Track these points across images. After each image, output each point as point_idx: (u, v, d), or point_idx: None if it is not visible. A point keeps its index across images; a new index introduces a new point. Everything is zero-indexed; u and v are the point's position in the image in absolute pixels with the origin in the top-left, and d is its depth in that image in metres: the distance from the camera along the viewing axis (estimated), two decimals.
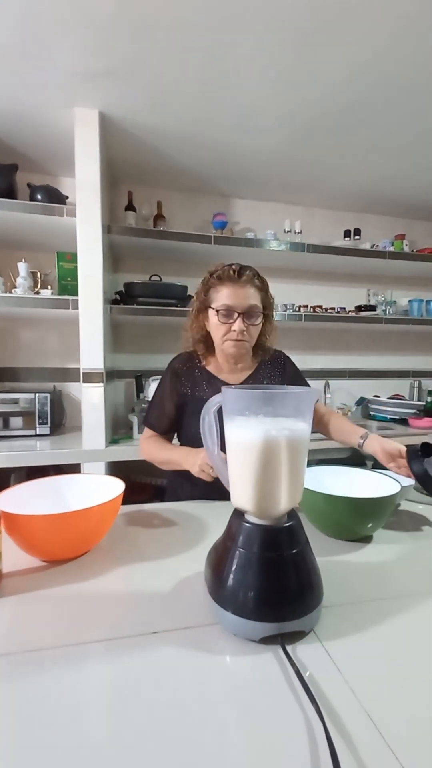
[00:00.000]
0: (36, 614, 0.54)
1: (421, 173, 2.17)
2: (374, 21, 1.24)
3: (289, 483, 0.50)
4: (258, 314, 1.00)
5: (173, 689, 0.42)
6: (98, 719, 0.39)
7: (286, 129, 1.79)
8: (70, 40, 1.32)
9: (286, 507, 0.51)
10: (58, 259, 1.91)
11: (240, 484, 0.52)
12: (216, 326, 1.00)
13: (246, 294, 0.98)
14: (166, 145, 1.89)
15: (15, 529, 0.63)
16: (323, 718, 0.37)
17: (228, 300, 0.97)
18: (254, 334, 1.02)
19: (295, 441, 0.50)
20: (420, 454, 0.81)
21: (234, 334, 0.98)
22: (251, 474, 0.50)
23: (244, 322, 0.97)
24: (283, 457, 0.49)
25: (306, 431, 0.52)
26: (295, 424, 0.50)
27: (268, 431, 0.49)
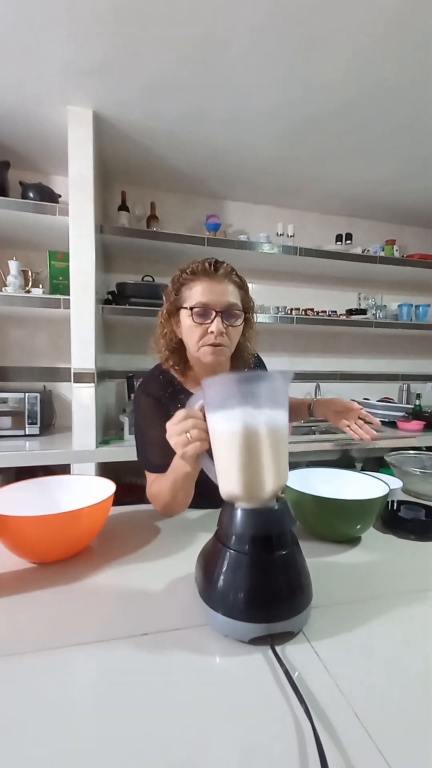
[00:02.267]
0: (24, 616, 0.54)
1: (412, 179, 2.21)
2: (367, 26, 1.26)
3: (274, 466, 0.51)
4: (238, 314, 0.86)
5: (163, 690, 0.42)
6: (88, 721, 0.39)
7: (280, 132, 1.80)
8: (63, 38, 1.32)
9: (272, 489, 0.52)
10: (50, 258, 1.90)
11: (227, 473, 0.53)
12: (190, 329, 0.84)
13: (224, 290, 0.83)
14: (160, 145, 1.89)
15: (3, 530, 0.62)
16: (311, 718, 0.38)
17: (203, 297, 0.82)
18: (234, 338, 0.87)
19: (276, 425, 0.51)
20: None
21: (211, 336, 0.82)
22: (237, 461, 0.51)
23: (222, 323, 0.83)
24: (265, 443, 0.51)
25: (284, 416, 0.53)
26: (273, 411, 0.52)
27: (248, 419, 0.50)
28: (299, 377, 2.64)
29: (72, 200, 1.68)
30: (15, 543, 0.64)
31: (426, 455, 1.17)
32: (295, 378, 2.62)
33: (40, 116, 1.69)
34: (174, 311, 0.89)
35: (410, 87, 1.51)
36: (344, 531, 0.78)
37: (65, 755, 0.35)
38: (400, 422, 2.36)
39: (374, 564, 0.71)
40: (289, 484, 0.80)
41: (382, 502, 0.76)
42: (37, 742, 0.36)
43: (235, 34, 1.29)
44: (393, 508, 0.87)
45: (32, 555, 0.67)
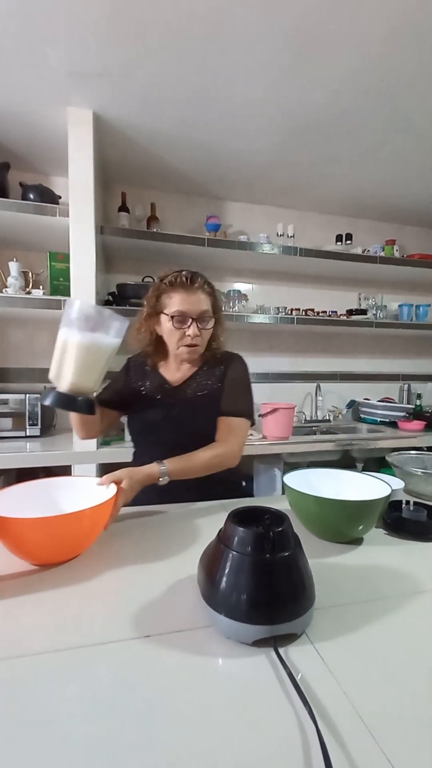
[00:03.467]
0: (26, 619, 0.54)
1: (412, 180, 2.21)
2: (366, 30, 1.26)
3: (76, 369, 0.79)
4: (209, 319, 1.03)
5: (166, 693, 0.42)
6: (91, 723, 0.39)
7: (279, 134, 1.80)
8: (63, 40, 1.32)
9: (69, 382, 0.79)
10: (50, 259, 1.90)
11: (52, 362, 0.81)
12: (170, 332, 1.02)
13: (198, 300, 1.00)
14: (160, 146, 1.89)
15: (5, 532, 0.62)
16: (315, 720, 0.38)
17: (181, 306, 0.99)
18: (206, 338, 1.05)
19: (87, 344, 0.78)
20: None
21: (189, 339, 1.00)
22: (55, 356, 0.80)
23: (197, 327, 1.00)
24: (72, 353, 0.78)
25: (98, 341, 0.79)
26: (91, 335, 0.78)
27: (65, 333, 0.79)
28: (299, 378, 2.64)
29: (72, 201, 1.68)
30: (17, 545, 0.64)
31: (427, 455, 1.16)
32: (296, 378, 2.62)
33: (40, 118, 1.69)
34: (154, 314, 1.05)
35: (410, 88, 1.51)
36: (346, 532, 0.77)
37: (68, 756, 0.35)
38: (400, 422, 2.36)
39: (377, 565, 0.71)
40: (291, 485, 0.80)
41: (384, 502, 0.76)
42: (40, 743, 0.36)
43: (234, 37, 1.29)
44: (395, 508, 0.87)
45: (34, 557, 0.66)
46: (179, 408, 1.06)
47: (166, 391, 1.08)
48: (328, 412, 2.60)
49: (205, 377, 1.09)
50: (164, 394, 1.07)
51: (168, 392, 1.08)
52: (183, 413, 1.05)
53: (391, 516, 0.85)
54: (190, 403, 1.06)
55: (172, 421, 1.05)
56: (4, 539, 0.63)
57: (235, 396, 1.08)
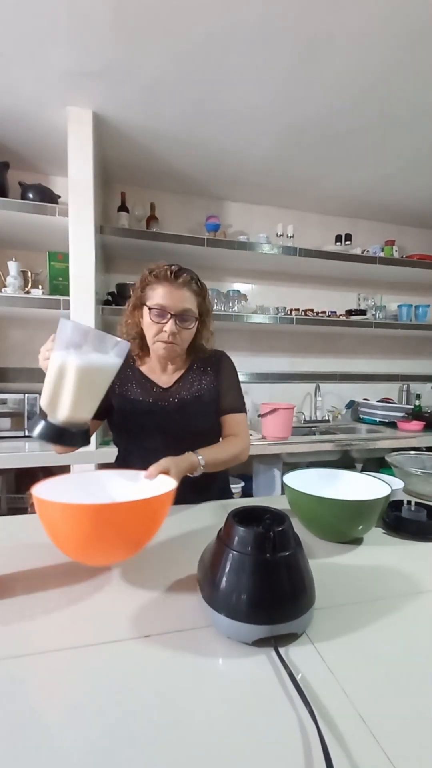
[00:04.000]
0: (26, 618, 0.53)
1: (411, 181, 2.21)
2: (366, 28, 1.26)
3: (73, 398, 0.67)
4: (191, 319, 0.98)
5: (166, 692, 0.42)
6: (90, 722, 0.38)
7: (279, 134, 1.80)
8: (64, 40, 1.32)
9: (65, 415, 0.67)
10: (50, 259, 1.90)
11: (44, 388, 0.69)
12: (148, 325, 0.98)
13: (181, 296, 0.96)
14: (160, 146, 1.89)
15: (66, 522, 0.57)
16: (316, 720, 0.38)
17: (162, 300, 0.95)
18: (186, 338, 1.00)
19: (83, 367, 0.67)
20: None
21: (164, 335, 0.95)
22: (48, 381, 0.68)
23: (176, 325, 0.95)
24: (70, 380, 0.67)
25: (92, 364, 0.68)
26: (88, 358, 0.68)
27: (62, 358, 0.68)
28: (298, 378, 2.64)
29: (72, 201, 1.67)
30: (76, 538, 0.58)
31: (427, 456, 1.17)
32: (296, 379, 2.62)
33: (40, 117, 1.69)
34: (138, 305, 1.01)
35: (410, 88, 1.52)
36: (346, 532, 0.77)
37: (67, 754, 0.35)
38: (400, 423, 2.36)
39: (377, 565, 0.70)
40: (291, 485, 0.80)
41: (384, 502, 0.76)
42: (39, 740, 0.36)
43: (234, 37, 1.29)
44: (395, 508, 0.87)
45: (94, 553, 0.62)
46: (173, 411, 1.03)
47: (157, 395, 1.04)
48: (328, 412, 2.60)
49: (197, 377, 1.07)
50: (155, 398, 1.04)
51: (159, 395, 1.04)
52: (177, 416, 1.03)
53: (390, 516, 0.85)
54: (185, 404, 1.04)
55: (166, 425, 1.02)
56: (60, 533, 0.58)
57: (233, 393, 1.10)
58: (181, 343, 0.99)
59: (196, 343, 1.06)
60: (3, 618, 0.53)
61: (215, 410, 1.08)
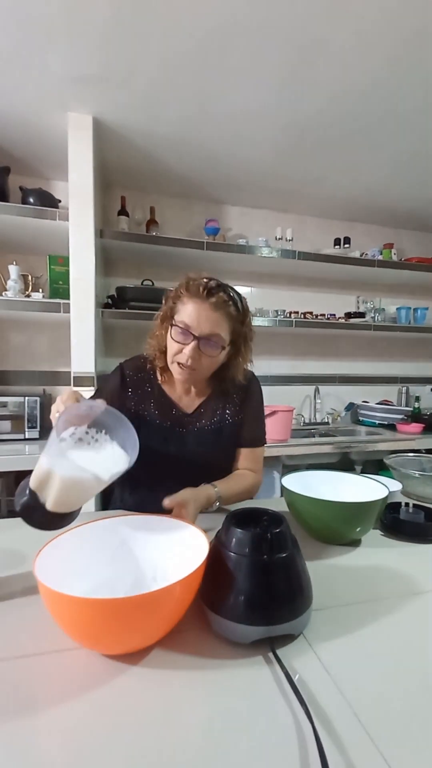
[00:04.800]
0: (24, 619, 0.54)
1: (409, 185, 2.23)
2: (363, 38, 1.28)
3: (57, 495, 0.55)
4: (217, 346, 0.84)
5: (163, 693, 0.42)
6: (86, 723, 0.39)
7: (278, 139, 1.82)
8: (64, 46, 1.33)
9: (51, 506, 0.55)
10: (50, 263, 1.91)
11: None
12: (170, 342, 0.86)
13: (211, 318, 0.82)
14: (160, 151, 1.90)
15: (61, 612, 0.46)
16: (312, 721, 0.38)
17: (188, 318, 0.82)
18: (207, 366, 0.87)
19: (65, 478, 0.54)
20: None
21: (183, 356, 0.83)
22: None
23: (198, 349, 0.83)
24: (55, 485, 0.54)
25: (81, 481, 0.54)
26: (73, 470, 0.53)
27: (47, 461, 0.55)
28: (298, 380, 2.64)
29: (72, 205, 1.69)
30: (75, 629, 0.47)
31: (425, 458, 1.17)
32: (295, 381, 2.63)
33: (40, 122, 1.70)
34: (166, 317, 0.89)
35: (408, 93, 1.53)
36: (344, 533, 0.78)
37: (69, 756, 0.35)
38: (399, 425, 2.36)
39: (374, 566, 0.71)
40: (289, 487, 0.81)
41: (381, 504, 0.76)
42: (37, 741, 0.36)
43: (231, 42, 1.30)
44: (393, 510, 0.87)
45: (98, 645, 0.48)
46: (191, 440, 0.94)
47: (176, 419, 0.94)
48: (327, 414, 2.61)
49: (221, 405, 0.97)
50: (173, 422, 0.94)
51: (178, 420, 0.94)
52: (195, 446, 0.94)
53: (388, 518, 0.85)
54: (204, 434, 0.95)
55: (182, 453, 0.93)
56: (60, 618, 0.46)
57: (257, 425, 1.02)
58: (201, 370, 0.86)
59: (225, 375, 0.93)
60: (2, 620, 0.54)
61: (235, 443, 1.00)
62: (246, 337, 0.91)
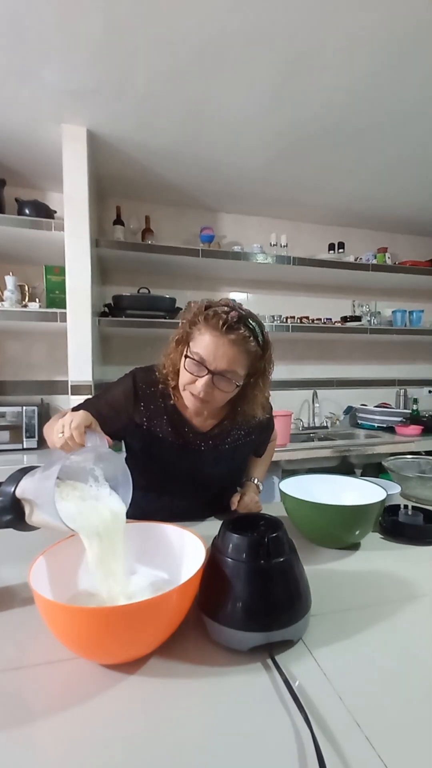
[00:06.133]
0: (21, 630, 0.53)
1: (401, 190, 2.25)
2: (354, 46, 1.30)
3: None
4: (231, 382, 0.80)
5: (161, 702, 0.42)
6: (86, 733, 0.38)
7: (271, 146, 1.84)
8: (57, 59, 1.35)
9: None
10: (46, 273, 1.92)
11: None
12: (183, 370, 0.82)
13: (228, 355, 0.77)
14: (154, 161, 1.93)
15: (57, 622, 0.45)
16: (311, 727, 0.38)
17: (203, 351, 0.78)
18: (220, 399, 0.83)
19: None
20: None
21: (195, 389, 0.80)
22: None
23: (212, 384, 0.78)
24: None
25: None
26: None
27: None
28: (296, 385, 2.64)
29: (67, 216, 1.70)
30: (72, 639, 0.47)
31: (424, 459, 1.17)
32: (293, 386, 2.63)
33: (35, 134, 1.72)
34: (182, 341, 0.85)
35: (398, 100, 1.55)
36: (343, 537, 0.77)
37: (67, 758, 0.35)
38: (398, 427, 2.36)
39: (374, 570, 0.70)
40: (288, 491, 0.80)
41: (379, 507, 0.76)
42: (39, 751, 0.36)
43: (224, 53, 1.33)
44: (392, 513, 0.87)
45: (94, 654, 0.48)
46: (206, 458, 0.92)
47: (190, 438, 0.91)
48: (326, 418, 2.61)
49: (238, 427, 0.94)
50: (187, 441, 0.91)
51: (192, 439, 0.91)
52: (209, 464, 0.93)
53: (387, 520, 0.85)
54: (220, 454, 0.93)
55: (194, 471, 0.92)
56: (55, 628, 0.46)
57: (267, 436, 1.08)
58: (213, 402, 0.83)
59: (240, 408, 0.89)
60: (1, 631, 0.53)
61: (247, 460, 1.06)
62: (265, 372, 0.87)
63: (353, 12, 1.18)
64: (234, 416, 0.92)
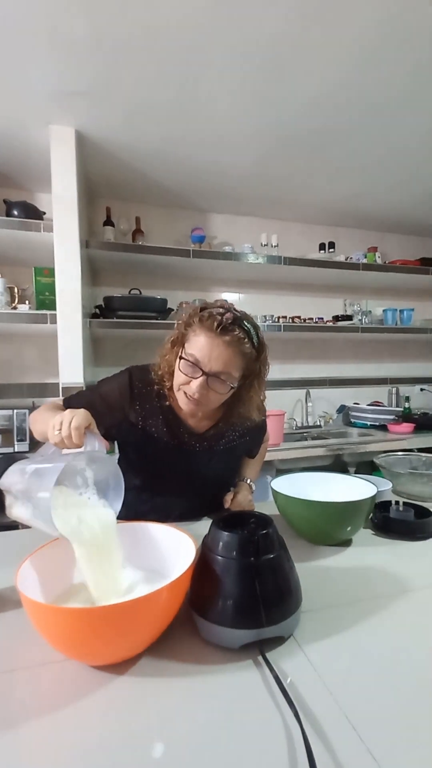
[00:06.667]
0: (9, 632, 0.52)
1: (390, 189, 2.27)
2: (338, 47, 1.31)
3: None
4: (226, 384, 0.79)
5: (150, 702, 0.42)
6: (76, 736, 0.38)
7: (259, 147, 1.85)
8: (44, 60, 1.34)
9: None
10: (36, 274, 1.90)
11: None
12: (177, 371, 0.82)
13: (222, 356, 0.77)
14: (143, 162, 1.92)
15: (45, 624, 0.45)
16: (302, 724, 0.37)
17: (198, 353, 0.77)
18: (215, 400, 0.82)
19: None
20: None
21: (189, 389, 0.79)
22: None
23: (206, 385, 0.78)
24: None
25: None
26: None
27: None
28: (288, 385, 2.65)
29: (56, 217, 1.69)
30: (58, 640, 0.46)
31: (414, 456, 1.18)
32: (286, 385, 2.64)
33: (23, 135, 1.71)
34: (177, 342, 0.84)
35: (384, 102, 1.57)
36: (334, 533, 0.78)
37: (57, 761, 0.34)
38: (390, 425, 2.38)
39: (365, 566, 0.71)
40: (279, 489, 0.81)
41: (370, 503, 0.76)
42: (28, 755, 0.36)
43: (213, 56, 1.33)
44: (383, 509, 0.87)
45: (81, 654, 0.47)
46: (201, 459, 0.92)
47: (185, 439, 0.90)
48: (319, 417, 2.62)
49: (232, 428, 0.94)
50: (182, 442, 0.90)
51: (188, 440, 0.91)
52: (204, 465, 0.93)
53: (379, 517, 0.85)
54: (215, 454, 0.93)
55: (190, 471, 0.92)
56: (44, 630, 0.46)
57: (261, 437, 1.09)
58: (207, 404, 0.82)
59: (235, 409, 0.89)
60: None
61: (241, 460, 1.07)
62: (260, 374, 0.87)
63: (336, 11, 1.19)
64: (229, 418, 0.91)
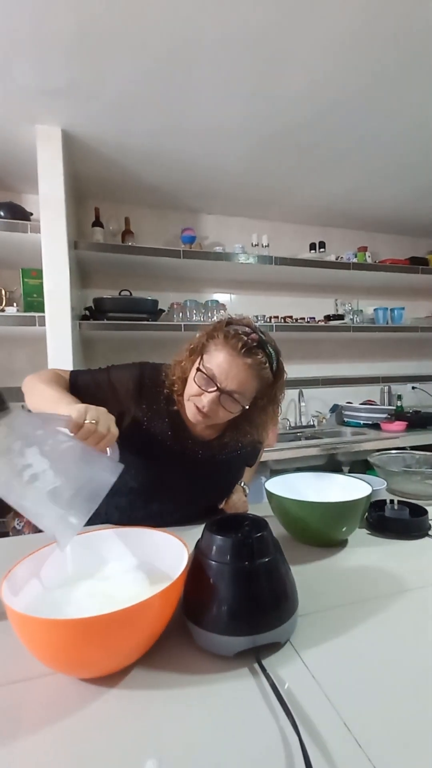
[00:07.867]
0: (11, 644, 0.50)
1: (381, 188, 2.28)
2: (327, 43, 1.31)
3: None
4: (238, 404, 0.79)
5: (143, 714, 0.40)
6: (66, 752, 0.36)
7: (250, 146, 1.84)
8: (29, 59, 1.32)
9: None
10: (23, 276, 1.87)
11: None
12: (191, 380, 0.81)
13: (240, 376, 0.77)
14: (132, 162, 1.91)
15: (30, 635, 0.43)
16: (299, 732, 0.36)
17: (216, 368, 0.77)
18: (223, 417, 0.82)
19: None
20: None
21: (200, 402, 0.78)
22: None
23: (218, 401, 0.77)
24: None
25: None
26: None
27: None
28: None
29: (43, 217, 1.67)
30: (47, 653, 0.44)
31: (408, 454, 1.17)
32: None
33: (9, 136, 1.69)
34: (196, 352, 0.84)
35: (373, 100, 1.57)
36: (329, 534, 0.77)
37: None
38: (383, 424, 2.39)
39: (361, 566, 0.70)
40: (274, 491, 0.79)
41: (365, 502, 0.75)
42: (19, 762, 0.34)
43: (199, 53, 1.32)
44: (378, 508, 0.86)
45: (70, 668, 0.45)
46: (203, 467, 0.91)
47: (190, 444, 0.89)
48: (312, 417, 2.62)
49: (233, 438, 0.92)
50: (186, 447, 0.89)
51: (192, 446, 0.89)
52: (205, 473, 0.92)
53: (374, 516, 0.84)
54: (219, 462, 0.92)
55: (188, 479, 0.91)
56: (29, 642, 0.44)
57: (260, 448, 1.10)
58: (215, 418, 0.81)
59: (242, 427, 0.87)
60: None
61: (242, 468, 1.06)
62: (274, 399, 0.87)
63: (327, 14, 1.19)
64: (235, 432, 0.89)
